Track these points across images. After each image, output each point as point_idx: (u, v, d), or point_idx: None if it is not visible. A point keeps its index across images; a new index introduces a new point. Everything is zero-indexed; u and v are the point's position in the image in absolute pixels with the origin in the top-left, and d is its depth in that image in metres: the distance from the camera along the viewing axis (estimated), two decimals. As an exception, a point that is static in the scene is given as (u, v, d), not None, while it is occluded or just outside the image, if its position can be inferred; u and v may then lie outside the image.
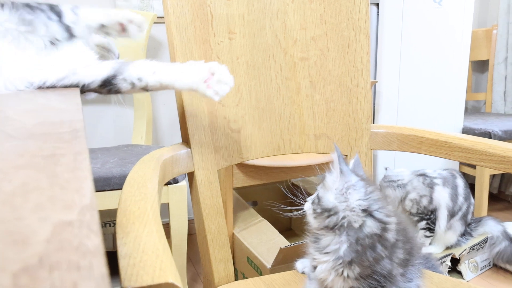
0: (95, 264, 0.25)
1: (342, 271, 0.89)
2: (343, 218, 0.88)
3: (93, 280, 0.23)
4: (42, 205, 0.31)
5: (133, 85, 0.93)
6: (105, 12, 1.00)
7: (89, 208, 0.31)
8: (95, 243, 0.27)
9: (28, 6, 0.95)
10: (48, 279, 0.23)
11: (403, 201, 2.23)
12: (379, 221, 0.88)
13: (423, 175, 2.22)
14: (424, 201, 2.18)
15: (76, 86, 0.92)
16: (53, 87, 0.90)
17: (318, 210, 0.91)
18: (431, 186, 2.18)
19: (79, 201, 0.32)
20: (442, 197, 2.17)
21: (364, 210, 0.88)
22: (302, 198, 0.98)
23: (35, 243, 0.26)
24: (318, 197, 0.92)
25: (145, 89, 0.94)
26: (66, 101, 0.75)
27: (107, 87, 0.93)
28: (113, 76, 0.93)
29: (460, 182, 2.23)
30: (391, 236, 0.89)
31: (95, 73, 0.93)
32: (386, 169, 2.35)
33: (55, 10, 0.97)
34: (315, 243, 0.94)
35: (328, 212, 0.89)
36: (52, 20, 0.95)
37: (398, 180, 2.25)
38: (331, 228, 0.89)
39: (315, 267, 0.95)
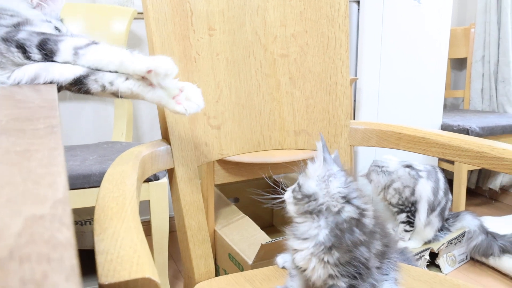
0: (66, 257, 0.25)
1: (323, 257, 0.90)
2: (322, 204, 0.90)
3: (63, 272, 0.23)
4: (14, 200, 0.31)
5: (103, 87, 0.92)
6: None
7: (61, 202, 0.31)
8: (67, 236, 0.27)
9: None
10: (19, 271, 0.23)
11: (387, 189, 2.24)
12: (357, 207, 0.91)
13: (410, 166, 2.24)
14: (407, 192, 2.20)
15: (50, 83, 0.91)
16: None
17: (299, 196, 0.94)
18: (416, 178, 2.20)
19: (52, 195, 0.32)
20: (424, 190, 2.19)
21: (343, 197, 0.91)
22: (283, 193, 1.00)
23: (6, 237, 0.26)
24: (299, 185, 0.95)
25: (116, 94, 0.93)
26: (42, 97, 0.75)
27: (77, 85, 0.92)
28: (85, 76, 0.92)
29: (441, 177, 2.26)
30: (368, 222, 0.92)
31: (69, 71, 0.92)
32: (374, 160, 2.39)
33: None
34: (294, 233, 0.96)
35: (309, 198, 0.92)
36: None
37: (383, 167, 2.27)
38: (310, 212, 0.92)
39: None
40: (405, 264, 1.18)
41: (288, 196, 0.97)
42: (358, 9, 2.55)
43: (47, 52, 0.89)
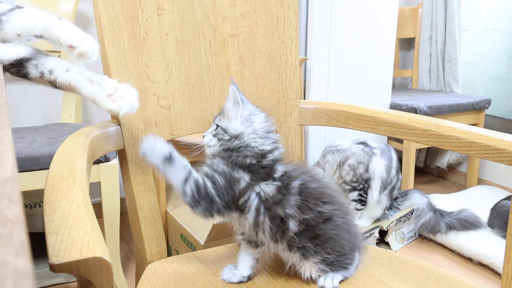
0: (15, 233, 0.25)
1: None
2: (246, 141, 1.01)
3: (13, 247, 0.24)
4: (-38, 178, 0.31)
5: (42, 74, 0.91)
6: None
7: (10, 180, 0.31)
8: (15, 212, 0.27)
9: None
10: (-33, 248, 0.24)
11: (341, 166, 2.27)
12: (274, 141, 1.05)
13: (364, 143, 2.27)
14: (361, 169, 2.23)
15: None
16: None
17: (226, 137, 1.02)
18: (369, 154, 2.23)
19: (0, 173, 0.32)
20: (378, 167, 2.22)
21: (266, 131, 1.04)
22: None
23: (-46, 214, 0.26)
24: (223, 128, 1.04)
25: (53, 84, 0.92)
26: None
27: (17, 67, 0.90)
28: (27, 59, 0.91)
29: (394, 156, 2.30)
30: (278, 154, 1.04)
31: (13, 51, 0.90)
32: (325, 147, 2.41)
33: None
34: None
35: (236, 138, 1.02)
36: None
37: (337, 145, 2.30)
38: (231, 150, 1.01)
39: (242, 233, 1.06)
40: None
41: (208, 139, 1.06)
42: (308, -11, 2.57)
43: None
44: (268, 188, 0.98)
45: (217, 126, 1.05)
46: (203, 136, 1.08)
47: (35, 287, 0.21)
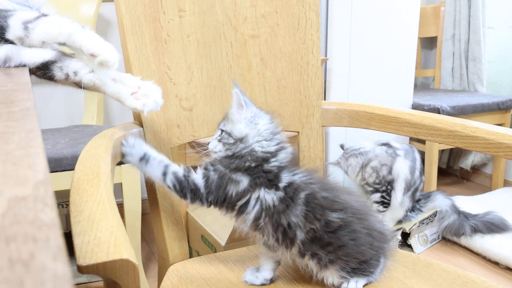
0: (52, 237, 0.25)
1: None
2: (251, 144, 0.99)
3: (50, 251, 0.24)
4: (-5, 182, 0.31)
5: (67, 76, 0.92)
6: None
7: (43, 183, 0.31)
8: (51, 216, 0.27)
9: None
10: (5, 251, 0.24)
11: (364, 168, 2.25)
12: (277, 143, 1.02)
13: (387, 144, 2.25)
14: (384, 171, 2.21)
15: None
16: None
17: (231, 141, 1.00)
18: (393, 156, 2.21)
19: (32, 177, 0.32)
20: (402, 169, 2.20)
21: (271, 133, 1.02)
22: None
23: (-10, 218, 0.26)
24: (228, 132, 1.02)
25: (78, 84, 0.93)
26: (14, 81, 0.74)
27: (43, 70, 0.92)
28: (53, 62, 0.92)
29: (418, 157, 2.27)
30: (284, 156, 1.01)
31: (38, 55, 0.91)
32: (341, 145, 2.39)
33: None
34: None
35: (240, 141, 1.00)
36: None
37: (360, 148, 2.28)
38: (236, 157, 0.99)
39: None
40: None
41: (213, 145, 1.03)
42: (328, -10, 2.56)
43: None
44: (269, 196, 0.96)
45: (222, 131, 1.04)
46: (209, 143, 1.06)
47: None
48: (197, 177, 0.99)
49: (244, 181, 0.97)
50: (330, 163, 2.44)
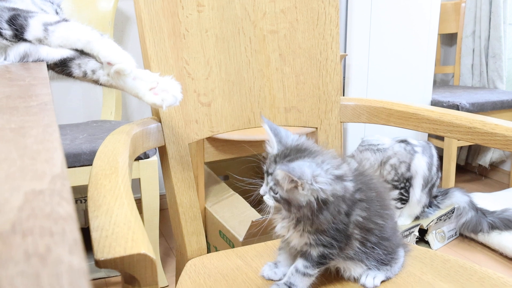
0: (68, 230, 0.25)
1: (297, 226, 0.93)
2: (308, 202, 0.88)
3: (66, 245, 0.24)
4: (13, 175, 0.31)
5: (85, 74, 0.93)
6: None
7: (60, 177, 0.31)
8: (67, 210, 0.27)
9: None
10: (22, 245, 0.24)
11: (383, 166, 2.24)
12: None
13: (405, 141, 2.24)
14: (403, 168, 2.20)
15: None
16: None
17: (289, 208, 0.91)
18: (411, 153, 2.20)
19: (49, 170, 0.32)
20: (420, 166, 2.19)
21: (336, 178, 0.89)
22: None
23: (7, 211, 0.26)
24: (284, 198, 0.90)
25: (96, 82, 0.94)
26: (32, 75, 0.74)
27: (61, 67, 0.93)
28: (71, 59, 0.92)
29: (435, 153, 2.26)
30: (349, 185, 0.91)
31: (56, 52, 0.92)
32: (362, 139, 2.38)
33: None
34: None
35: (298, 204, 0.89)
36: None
37: (378, 144, 2.27)
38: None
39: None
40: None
41: (269, 201, 0.94)
42: (347, -15, 2.54)
43: (17, 27, 0.89)
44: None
45: (271, 189, 0.93)
46: (261, 191, 0.96)
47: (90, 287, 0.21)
48: None
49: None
50: (349, 156, 2.43)
